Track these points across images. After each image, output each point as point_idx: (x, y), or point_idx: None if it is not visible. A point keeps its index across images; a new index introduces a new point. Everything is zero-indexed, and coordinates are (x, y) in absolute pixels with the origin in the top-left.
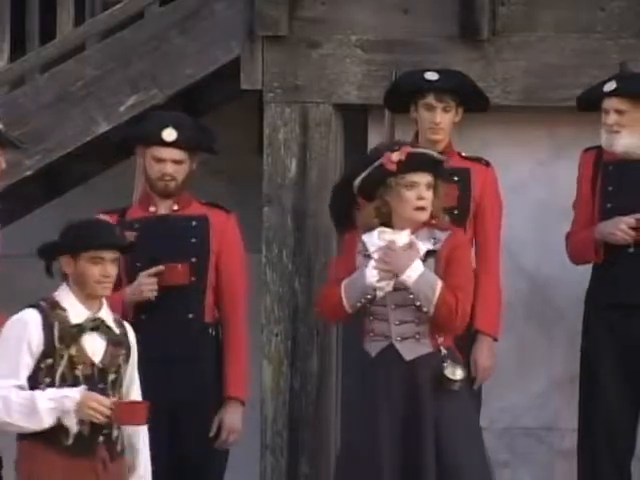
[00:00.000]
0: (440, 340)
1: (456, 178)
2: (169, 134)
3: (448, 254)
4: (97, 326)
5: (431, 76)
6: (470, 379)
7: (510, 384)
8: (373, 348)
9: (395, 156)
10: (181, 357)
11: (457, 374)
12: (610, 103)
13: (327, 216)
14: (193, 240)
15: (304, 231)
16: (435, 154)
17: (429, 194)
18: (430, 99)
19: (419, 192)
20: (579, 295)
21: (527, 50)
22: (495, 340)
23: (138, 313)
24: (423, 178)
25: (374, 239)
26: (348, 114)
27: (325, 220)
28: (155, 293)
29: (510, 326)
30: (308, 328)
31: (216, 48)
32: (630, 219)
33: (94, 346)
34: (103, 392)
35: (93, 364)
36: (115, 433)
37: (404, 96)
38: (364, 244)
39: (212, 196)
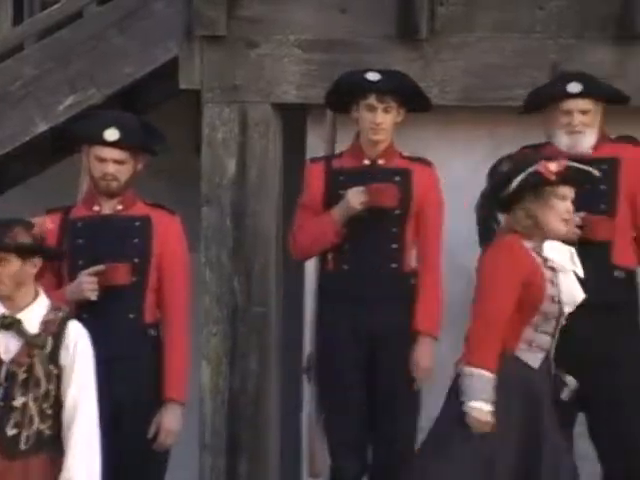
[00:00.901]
0: None
1: (397, 178)
2: (111, 134)
3: None
4: (8, 325)
5: (373, 76)
6: (410, 380)
7: (449, 384)
8: (533, 360)
9: (554, 166)
10: (121, 357)
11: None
12: (575, 104)
13: (266, 216)
14: (135, 240)
15: (243, 231)
16: (593, 170)
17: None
18: (371, 99)
19: (567, 205)
20: None
21: (466, 50)
22: (435, 339)
23: (80, 312)
24: (572, 192)
25: (562, 254)
26: (287, 114)
27: (264, 220)
28: (96, 293)
29: (450, 326)
30: (247, 328)
31: (155, 48)
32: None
33: (7, 344)
34: (8, 390)
35: (1, 362)
36: (13, 431)
37: (345, 96)
38: (542, 254)
39: (151, 195)
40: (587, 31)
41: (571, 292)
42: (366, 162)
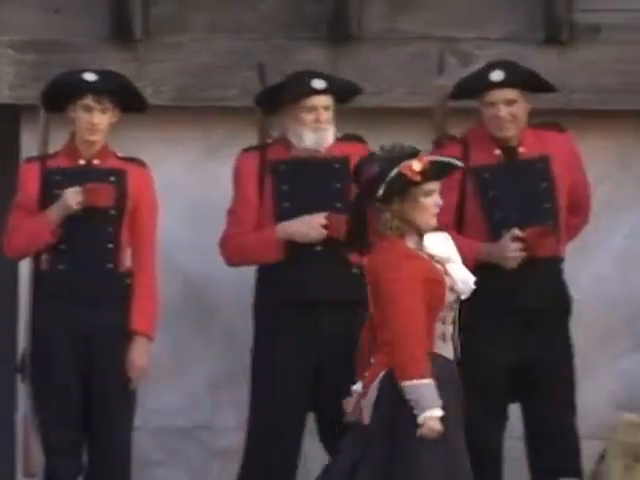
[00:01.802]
0: None
1: (113, 178)
2: None
3: None
4: None
5: (89, 77)
6: (126, 380)
7: (165, 383)
8: (448, 351)
9: (418, 166)
10: None
11: None
12: (319, 100)
13: None
14: None
15: None
16: (456, 162)
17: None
18: (88, 100)
19: (436, 199)
20: (234, 295)
21: (179, 51)
22: (150, 340)
23: None
24: (437, 185)
25: (442, 245)
26: (0, 114)
27: None
28: None
29: (165, 325)
30: None
31: None
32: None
33: None
34: None
35: None
36: None
37: (61, 96)
38: (425, 250)
39: None
40: (299, 32)
41: (464, 279)
42: (81, 162)
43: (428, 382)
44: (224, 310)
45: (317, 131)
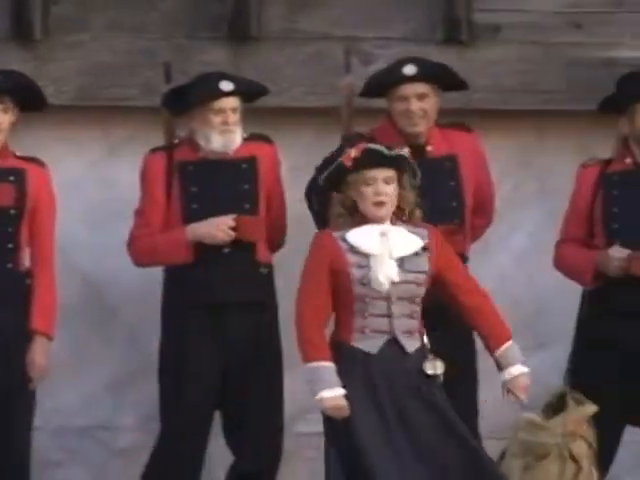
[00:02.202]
0: (425, 336)
1: (12, 178)
2: None
3: (439, 250)
4: None
5: None
6: (26, 379)
7: (64, 383)
8: (371, 346)
9: (353, 153)
10: None
11: (438, 368)
12: (227, 102)
13: None
14: None
15: None
16: (388, 151)
17: (389, 189)
18: None
19: (376, 187)
20: (135, 294)
21: (80, 50)
22: (50, 339)
23: None
24: (380, 173)
25: (368, 237)
26: None
27: None
28: None
29: (64, 324)
30: None
31: None
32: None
33: None
34: None
35: None
36: None
37: None
38: (348, 241)
39: None
40: (200, 31)
41: (376, 274)
42: None
43: (328, 365)
44: (125, 310)
45: (225, 133)
